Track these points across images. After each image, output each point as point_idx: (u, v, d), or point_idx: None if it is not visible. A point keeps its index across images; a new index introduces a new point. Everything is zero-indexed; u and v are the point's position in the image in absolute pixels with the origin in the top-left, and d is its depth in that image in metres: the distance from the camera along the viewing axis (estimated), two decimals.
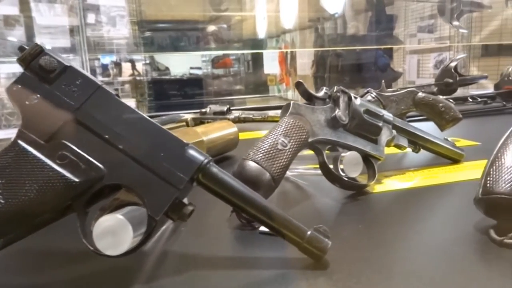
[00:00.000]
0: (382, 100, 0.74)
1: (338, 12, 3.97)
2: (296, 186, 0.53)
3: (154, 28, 4.32)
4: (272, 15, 4.26)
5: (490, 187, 0.36)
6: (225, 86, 4.57)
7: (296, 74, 4.97)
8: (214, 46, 4.13)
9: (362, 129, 0.50)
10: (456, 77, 1.36)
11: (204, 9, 4.14)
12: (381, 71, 3.30)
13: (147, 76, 3.90)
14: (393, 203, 0.46)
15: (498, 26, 3.32)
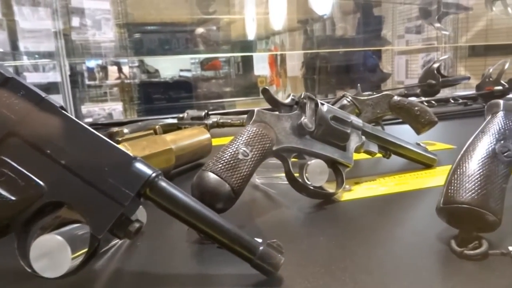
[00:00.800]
0: (357, 104, 0.73)
1: (327, 13, 3.98)
2: (265, 195, 0.52)
3: (142, 30, 4.29)
4: (261, 17, 4.26)
5: (451, 196, 0.36)
6: (215, 88, 4.55)
7: (286, 75, 4.97)
8: (202, 49, 4.12)
9: (329, 136, 0.49)
10: (439, 78, 1.36)
11: (192, 12, 4.12)
12: (370, 71, 3.31)
13: (136, 79, 3.87)
14: (360, 212, 0.45)
15: (483, 27, 3.35)
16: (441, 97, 1.26)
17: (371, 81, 3.23)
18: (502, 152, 0.37)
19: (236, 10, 4.36)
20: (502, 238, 0.36)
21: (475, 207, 0.34)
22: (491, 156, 0.37)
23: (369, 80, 3.25)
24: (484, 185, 0.35)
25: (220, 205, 0.39)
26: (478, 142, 0.38)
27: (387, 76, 3.43)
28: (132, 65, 3.91)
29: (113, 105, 3.05)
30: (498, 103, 0.41)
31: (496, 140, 0.38)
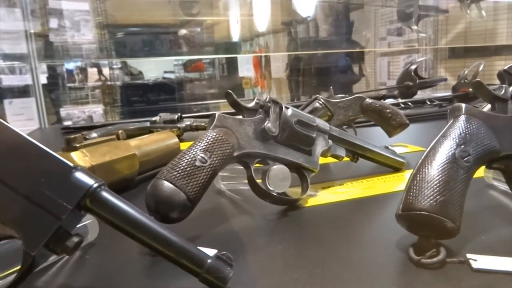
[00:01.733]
0: (330, 107, 0.73)
1: (310, 15, 4.00)
2: (230, 201, 0.51)
3: (125, 32, 4.24)
4: (246, 19, 4.25)
5: (410, 202, 0.35)
6: (199, 90, 4.52)
7: (271, 77, 4.98)
8: (186, 50, 4.08)
9: (294, 141, 0.48)
10: (416, 80, 1.37)
11: (175, 13, 4.09)
12: (342, 73, 3.34)
13: (118, 81, 3.81)
14: (323, 218, 0.44)
15: (462, 29, 3.41)
16: (417, 98, 1.27)
17: (342, 82, 3.26)
18: (462, 157, 0.36)
19: (220, 12, 4.35)
20: (462, 244, 0.35)
21: (433, 214, 0.33)
22: (451, 161, 0.36)
23: (341, 81, 3.28)
24: (443, 191, 0.34)
25: (175, 214, 0.38)
26: (438, 147, 0.37)
27: (357, 78, 3.46)
28: (115, 67, 3.85)
29: (93, 108, 2.99)
30: (459, 107, 0.40)
31: (457, 144, 0.37)
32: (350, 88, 3.31)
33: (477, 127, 0.38)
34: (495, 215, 0.42)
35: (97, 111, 2.94)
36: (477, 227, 0.38)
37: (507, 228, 0.38)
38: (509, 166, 0.39)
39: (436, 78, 1.43)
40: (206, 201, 0.49)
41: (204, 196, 0.51)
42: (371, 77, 4.05)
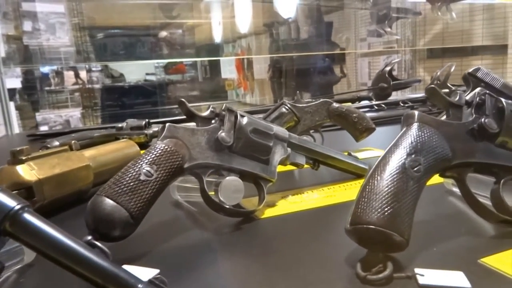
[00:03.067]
0: (296, 112, 0.72)
1: (292, 16, 4.01)
2: (185, 214, 0.49)
3: (105, 34, 4.17)
4: (228, 21, 4.23)
5: (358, 215, 0.33)
6: (182, 92, 4.47)
7: (254, 78, 4.97)
8: (167, 52, 4.04)
9: (250, 150, 0.46)
10: (390, 82, 1.37)
11: (155, 16, 4.04)
12: (322, 74, 3.36)
13: (98, 84, 3.74)
14: (276, 231, 0.42)
15: (440, 30, 3.47)
16: (391, 100, 1.27)
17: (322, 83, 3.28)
18: (412, 167, 0.35)
19: (202, 14, 4.32)
20: (414, 257, 0.34)
21: (380, 228, 0.32)
22: (400, 172, 0.35)
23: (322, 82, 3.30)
24: (391, 203, 0.33)
25: (116, 232, 0.36)
26: (389, 157, 0.36)
27: (337, 78, 3.48)
28: (95, 69, 3.78)
29: (70, 112, 2.92)
30: (412, 114, 0.40)
31: (407, 154, 0.36)
32: (330, 89, 3.33)
33: (429, 135, 0.38)
34: (451, 224, 0.41)
35: (75, 115, 2.87)
36: (432, 237, 0.38)
37: (462, 237, 0.38)
38: (461, 175, 0.38)
39: (410, 79, 1.44)
40: (159, 213, 0.48)
41: (159, 208, 0.49)
42: (352, 78, 4.09)
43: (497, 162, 0.39)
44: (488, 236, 0.38)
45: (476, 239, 0.37)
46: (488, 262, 0.32)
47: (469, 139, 0.39)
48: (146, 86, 4.28)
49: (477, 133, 0.39)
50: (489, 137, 0.39)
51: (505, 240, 0.36)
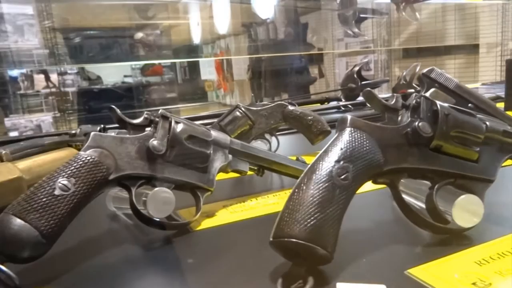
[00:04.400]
0: (250, 116, 0.70)
1: (270, 17, 4.00)
2: (119, 227, 0.46)
3: (79, 35, 4.08)
4: (206, 21, 4.20)
5: (281, 228, 0.32)
6: (160, 94, 4.41)
7: (233, 79, 4.95)
8: (143, 54, 3.97)
9: (185, 158, 0.44)
10: (358, 82, 1.37)
11: (131, 17, 3.97)
12: (298, 74, 3.37)
13: (73, 87, 3.65)
14: (211, 243, 0.40)
15: (414, 30, 3.52)
16: (358, 101, 1.27)
17: (299, 83, 3.29)
18: (339, 175, 0.34)
19: (180, 15, 4.27)
20: (341, 269, 0.33)
21: (301, 241, 0.30)
22: (327, 180, 0.33)
23: (298, 82, 3.31)
24: (315, 214, 0.31)
25: (25, 253, 0.33)
26: (317, 165, 0.35)
27: (313, 79, 3.50)
28: (71, 72, 3.69)
29: (42, 116, 2.83)
30: (345, 119, 0.38)
31: (335, 161, 0.34)
32: (307, 89, 3.33)
33: (360, 141, 0.36)
34: (387, 231, 0.40)
35: (46, 120, 2.79)
36: (364, 246, 0.36)
37: (394, 246, 0.36)
38: (394, 181, 0.37)
39: (379, 79, 1.44)
40: (92, 227, 0.45)
41: (92, 221, 0.47)
42: (330, 78, 4.11)
43: (431, 167, 0.38)
44: (421, 244, 0.36)
45: (408, 248, 0.36)
46: (413, 273, 0.31)
47: (403, 144, 0.38)
48: (125, 88, 4.21)
49: (411, 137, 0.38)
50: (424, 141, 0.38)
51: (436, 249, 0.35)
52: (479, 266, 0.31)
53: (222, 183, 0.53)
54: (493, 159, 0.40)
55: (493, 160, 0.40)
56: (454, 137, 0.38)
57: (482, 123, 0.39)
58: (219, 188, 0.49)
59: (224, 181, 0.54)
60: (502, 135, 0.40)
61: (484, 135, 0.39)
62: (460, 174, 0.38)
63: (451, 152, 0.38)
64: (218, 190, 0.49)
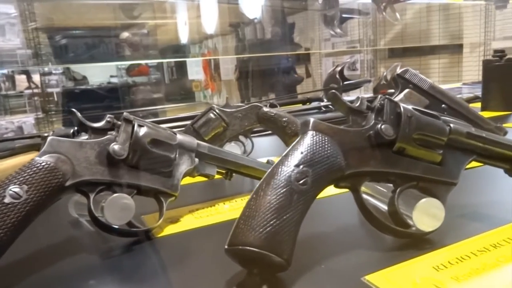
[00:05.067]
0: (225, 117, 0.69)
1: (257, 17, 3.99)
2: (80, 234, 0.45)
3: (64, 35, 4.02)
4: (194, 21, 4.17)
5: (236, 235, 0.31)
6: (147, 95, 4.36)
7: (221, 79, 4.93)
8: (129, 54, 3.92)
9: (148, 163, 0.43)
10: (340, 82, 1.37)
11: (116, 16, 3.92)
12: (285, 74, 3.37)
13: (58, 87, 3.59)
14: (172, 250, 0.39)
15: (400, 30, 3.55)
16: None
17: (286, 83, 3.29)
18: (298, 180, 0.33)
19: (167, 15, 4.23)
20: (298, 276, 0.32)
21: (256, 249, 0.30)
22: (285, 185, 0.33)
23: (285, 82, 3.31)
24: (271, 220, 0.31)
25: None
26: (277, 169, 0.34)
27: (301, 79, 3.50)
28: (56, 72, 3.63)
29: (23, 118, 2.78)
30: (307, 122, 0.37)
31: (295, 165, 0.34)
32: (294, 89, 3.34)
33: (321, 145, 0.36)
34: (350, 236, 0.39)
35: (28, 121, 2.73)
36: (325, 252, 0.36)
37: (355, 252, 0.36)
38: (355, 185, 0.37)
39: (361, 79, 1.44)
40: (51, 235, 0.44)
41: (52, 229, 0.45)
42: (317, 78, 4.12)
43: (394, 170, 0.37)
44: (383, 249, 0.36)
45: (369, 253, 0.35)
46: (370, 279, 0.30)
47: (366, 147, 0.37)
48: (111, 89, 4.16)
49: (374, 140, 0.37)
50: (386, 144, 0.37)
51: (397, 254, 0.34)
52: (437, 272, 0.31)
53: (190, 187, 0.52)
54: (456, 161, 0.39)
55: (456, 163, 0.39)
56: (417, 139, 0.37)
57: (445, 125, 0.39)
58: (186, 193, 0.48)
59: (192, 185, 0.53)
60: (466, 137, 0.39)
61: (447, 138, 0.38)
62: (422, 177, 0.38)
63: (414, 154, 0.38)
64: (186, 195, 0.48)
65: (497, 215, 0.41)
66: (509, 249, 0.33)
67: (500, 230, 0.36)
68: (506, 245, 0.34)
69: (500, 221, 0.38)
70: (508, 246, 0.34)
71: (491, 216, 0.40)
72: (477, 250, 0.33)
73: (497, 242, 0.34)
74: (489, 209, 0.43)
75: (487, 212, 0.42)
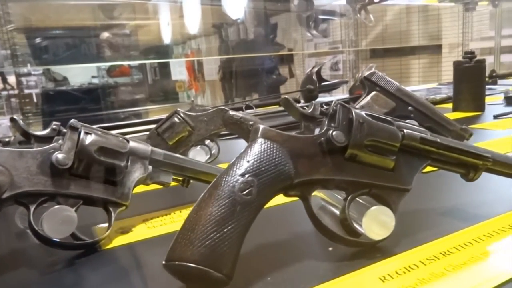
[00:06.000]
0: (190, 121, 0.67)
1: (240, 17, 3.98)
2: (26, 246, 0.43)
3: (43, 36, 3.93)
4: (176, 22, 4.13)
5: (173, 250, 0.30)
6: (129, 96, 4.30)
7: (204, 79, 4.91)
8: (109, 54, 3.86)
9: (96, 172, 0.41)
10: (316, 83, 1.37)
11: (96, 17, 3.85)
12: (268, 75, 3.37)
13: (37, 88, 3.51)
14: (118, 262, 0.38)
15: (381, 31, 3.59)
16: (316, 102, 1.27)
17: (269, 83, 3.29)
18: (242, 190, 0.32)
19: (149, 15, 4.18)
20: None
21: (193, 265, 0.28)
22: (227, 196, 0.31)
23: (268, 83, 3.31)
24: (210, 234, 0.29)
25: None
26: (221, 179, 0.33)
27: (284, 79, 3.50)
28: (35, 73, 3.54)
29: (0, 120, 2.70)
30: (257, 129, 0.36)
31: (239, 175, 0.33)
32: (277, 89, 3.33)
33: (269, 153, 0.34)
34: (301, 246, 0.38)
35: (3, 124, 2.65)
36: (273, 263, 0.34)
37: (304, 263, 0.35)
38: (305, 193, 0.35)
39: (338, 80, 1.44)
40: None
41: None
42: (301, 78, 4.13)
43: (345, 178, 0.36)
44: (332, 260, 0.35)
45: (317, 264, 0.34)
46: None
47: (317, 154, 0.36)
48: (92, 90, 4.09)
49: (325, 147, 0.36)
50: (338, 151, 0.37)
51: (345, 264, 0.33)
52: (382, 283, 0.30)
53: (146, 195, 0.51)
54: (410, 167, 0.39)
55: (410, 169, 0.39)
56: (369, 145, 0.37)
57: (398, 131, 0.38)
58: (141, 201, 0.47)
59: (148, 193, 0.51)
60: (420, 143, 0.39)
61: (400, 143, 0.38)
62: (374, 184, 0.37)
63: (366, 161, 0.37)
64: (140, 203, 0.47)
65: (450, 221, 0.40)
66: (458, 257, 0.33)
67: (451, 237, 0.36)
68: (456, 253, 0.33)
69: (453, 227, 0.38)
70: (458, 253, 0.33)
71: (444, 223, 0.40)
72: (426, 259, 0.33)
73: (447, 250, 0.34)
74: (443, 215, 0.42)
75: (440, 219, 0.41)
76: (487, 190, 0.47)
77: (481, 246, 0.34)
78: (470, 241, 0.35)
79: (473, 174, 0.41)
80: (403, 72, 3.44)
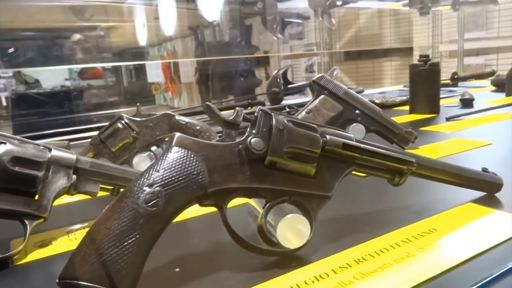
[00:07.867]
0: (134, 127, 0.66)
1: (216, 19, 3.96)
2: None
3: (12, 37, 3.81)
4: (152, 24, 4.07)
5: (68, 267, 0.28)
6: (103, 98, 4.21)
7: (181, 81, 4.87)
8: (81, 56, 3.78)
9: (9, 183, 0.39)
10: (281, 86, 1.37)
11: (67, 18, 3.76)
12: (243, 77, 3.37)
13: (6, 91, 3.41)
14: (31, 279, 0.36)
15: (354, 34, 3.64)
16: (279, 105, 1.27)
17: (245, 86, 3.30)
18: (147, 202, 0.31)
19: (124, 17, 4.11)
20: None
21: (84, 283, 0.27)
22: (130, 208, 0.30)
23: (244, 85, 3.32)
24: (108, 249, 0.28)
25: None
26: (128, 190, 0.31)
27: (259, 81, 3.51)
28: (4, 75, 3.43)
29: None
30: (172, 137, 0.35)
31: (147, 185, 0.31)
32: (253, 91, 3.33)
33: (182, 161, 0.33)
34: (219, 256, 0.37)
35: None
36: (187, 277, 0.33)
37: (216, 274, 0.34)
38: (219, 203, 0.35)
39: (302, 83, 1.45)
40: None
41: None
42: None
43: (263, 186, 0.36)
44: (248, 270, 0.34)
45: (230, 275, 0.33)
46: None
47: (235, 162, 0.35)
48: (64, 92, 3.99)
49: (244, 154, 0.35)
50: (257, 159, 0.36)
51: (259, 274, 0.33)
52: None
53: (72, 206, 0.49)
54: (333, 173, 0.38)
55: (332, 175, 0.38)
56: (288, 152, 0.36)
57: (320, 137, 0.38)
58: (67, 212, 0.45)
59: (76, 204, 0.49)
60: (342, 149, 0.39)
61: (320, 150, 0.37)
62: (294, 191, 0.36)
63: (286, 168, 0.36)
64: (66, 214, 0.45)
65: (370, 228, 0.40)
66: (369, 265, 0.32)
67: (368, 243, 0.36)
68: (370, 260, 0.33)
69: (371, 234, 0.37)
70: (371, 260, 0.33)
71: (364, 230, 0.39)
72: (338, 267, 0.32)
73: (362, 257, 0.33)
74: (365, 221, 0.42)
75: (362, 226, 0.41)
76: (412, 195, 0.47)
77: (396, 253, 0.34)
78: (387, 247, 0.35)
79: (398, 179, 0.41)
80: (376, 74, 3.50)
